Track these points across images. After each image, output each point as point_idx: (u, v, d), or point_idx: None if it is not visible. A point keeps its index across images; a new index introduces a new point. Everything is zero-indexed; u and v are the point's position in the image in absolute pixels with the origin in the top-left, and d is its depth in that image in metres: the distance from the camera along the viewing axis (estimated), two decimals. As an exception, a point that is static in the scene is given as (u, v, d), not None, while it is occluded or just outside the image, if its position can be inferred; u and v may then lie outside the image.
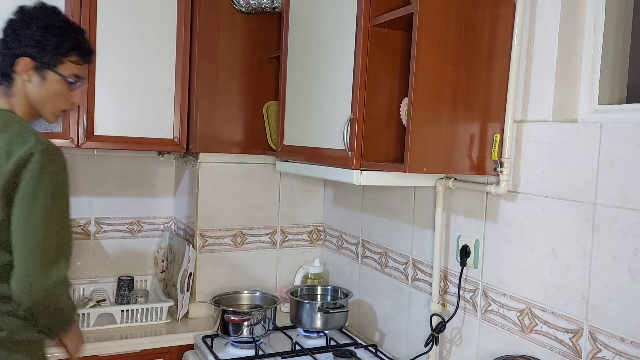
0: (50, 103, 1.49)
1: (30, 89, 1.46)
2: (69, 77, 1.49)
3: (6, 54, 1.45)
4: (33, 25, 1.44)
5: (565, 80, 1.33)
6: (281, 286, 2.35)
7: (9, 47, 1.45)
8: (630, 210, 1.13)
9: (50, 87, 1.47)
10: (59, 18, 1.50)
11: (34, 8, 1.48)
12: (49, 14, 1.48)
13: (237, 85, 2.15)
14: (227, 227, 2.24)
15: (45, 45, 1.44)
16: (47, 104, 1.49)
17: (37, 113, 1.51)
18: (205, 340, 1.92)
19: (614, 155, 1.16)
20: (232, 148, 2.18)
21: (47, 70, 1.46)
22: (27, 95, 1.47)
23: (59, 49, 1.46)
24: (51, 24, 1.46)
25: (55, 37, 1.45)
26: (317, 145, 1.65)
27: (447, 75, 1.34)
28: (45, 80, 1.46)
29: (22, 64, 1.44)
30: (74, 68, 1.50)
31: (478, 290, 1.52)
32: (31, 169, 1.33)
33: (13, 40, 1.44)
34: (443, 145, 1.35)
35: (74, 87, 1.52)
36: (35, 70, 1.45)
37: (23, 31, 1.44)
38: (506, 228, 1.43)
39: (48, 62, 1.45)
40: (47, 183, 1.35)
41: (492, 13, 1.38)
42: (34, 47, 1.44)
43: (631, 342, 1.12)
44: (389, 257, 1.93)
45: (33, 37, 1.43)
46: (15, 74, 1.45)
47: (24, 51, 1.44)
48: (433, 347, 1.63)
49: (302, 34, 1.78)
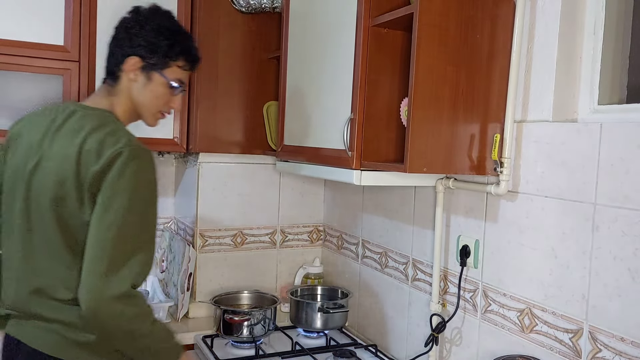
0: (151, 105, 1.48)
1: (134, 88, 1.45)
2: (173, 81, 1.47)
3: (116, 52, 1.45)
4: (147, 26, 1.43)
5: (565, 80, 1.33)
6: (281, 286, 2.35)
7: (120, 45, 1.45)
8: (630, 210, 1.13)
9: (153, 89, 1.47)
10: (172, 22, 1.50)
11: (149, 9, 1.48)
12: (163, 17, 1.48)
13: (237, 86, 2.15)
14: (227, 227, 2.24)
15: (157, 47, 1.44)
16: (148, 105, 1.48)
17: (137, 114, 1.50)
18: (205, 340, 1.92)
19: (614, 155, 1.16)
20: (232, 148, 2.17)
21: (153, 72, 1.45)
22: (130, 94, 1.46)
23: (169, 52, 1.45)
24: (164, 26, 1.46)
25: (166, 40, 1.45)
26: (317, 145, 1.65)
27: (447, 75, 1.34)
28: (150, 81, 1.46)
29: (131, 62, 1.43)
30: (179, 73, 1.49)
31: (478, 290, 1.52)
32: (114, 169, 1.27)
33: (125, 39, 1.44)
34: (443, 146, 1.35)
35: (176, 92, 1.51)
36: (142, 71, 1.44)
37: (136, 31, 1.43)
38: (506, 228, 1.43)
39: (156, 63, 1.45)
40: (126, 184, 1.27)
41: (492, 13, 1.38)
42: (145, 48, 1.43)
43: (631, 342, 1.12)
44: (389, 257, 1.93)
45: (145, 37, 1.43)
46: (122, 72, 1.44)
47: (135, 51, 1.43)
48: (433, 347, 1.63)
49: (302, 34, 1.78)
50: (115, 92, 1.47)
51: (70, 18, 1.93)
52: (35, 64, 1.90)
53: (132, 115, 1.50)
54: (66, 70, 1.95)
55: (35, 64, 1.90)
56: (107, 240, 1.25)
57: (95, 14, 1.97)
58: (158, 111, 1.51)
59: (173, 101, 1.52)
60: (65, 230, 1.32)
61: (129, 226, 1.27)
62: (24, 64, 1.89)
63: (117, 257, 1.25)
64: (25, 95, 1.93)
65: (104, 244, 1.25)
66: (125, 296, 1.24)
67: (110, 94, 1.47)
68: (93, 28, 1.97)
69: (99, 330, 1.29)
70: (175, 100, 1.52)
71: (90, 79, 1.98)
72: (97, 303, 1.23)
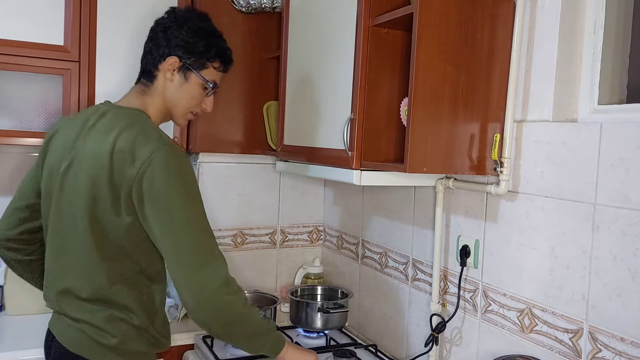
0: (186, 104, 1.51)
1: (170, 88, 1.48)
2: (209, 81, 1.50)
3: (153, 51, 1.47)
4: (185, 27, 1.46)
5: (565, 80, 1.33)
6: (281, 286, 2.35)
7: (158, 45, 1.47)
8: (630, 210, 1.13)
9: (189, 89, 1.49)
10: (208, 23, 1.52)
11: (186, 11, 1.51)
12: (199, 19, 1.50)
13: (237, 85, 2.15)
14: (227, 227, 2.24)
15: (194, 47, 1.46)
16: (182, 105, 1.50)
17: (169, 114, 1.52)
18: (205, 340, 1.92)
19: (614, 155, 1.16)
20: (232, 148, 2.17)
21: (190, 72, 1.47)
22: (164, 94, 1.48)
23: (206, 53, 1.48)
24: (201, 28, 1.48)
25: (204, 41, 1.47)
26: (317, 145, 1.65)
27: (447, 75, 1.34)
28: (187, 81, 1.48)
29: (170, 62, 1.45)
30: (214, 74, 1.52)
31: (478, 290, 1.52)
32: (156, 172, 1.28)
33: (163, 39, 1.46)
34: (443, 145, 1.35)
35: (209, 93, 1.54)
36: (179, 70, 1.47)
37: (174, 32, 1.46)
38: (506, 228, 1.43)
39: (193, 64, 1.47)
40: (175, 181, 1.30)
41: (492, 13, 1.38)
42: (182, 48, 1.45)
43: (631, 342, 1.12)
44: (389, 257, 1.93)
45: (183, 38, 1.45)
46: (159, 72, 1.47)
47: (173, 51, 1.45)
48: (433, 347, 1.63)
49: (302, 34, 1.78)
50: (149, 92, 1.49)
51: (70, 18, 1.93)
52: (35, 64, 1.90)
53: (164, 116, 1.52)
54: (66, 70, 1.95)
55: (35, 64, 1.90)
56: (186, 239, 1.29)
57: (95, 14, 1.97)
58: (190, 111, 1.53)
59: (206, 102, 1.55)
60: (96, 229, 1.34)
61: (197, 219, 1.31)
62: (24, 64, 1.89)
63: (204, 250, 1.31)
64: (25, 95, 1.93)
65: (185, 243, 1.29)
66: (225, 284, 1.31)
67: (144, 94, 1.49)
68: (93, 28, 1.97)
69: (213, 322, 1.35)
70: (208, 101, 1.55)
71: (90, 79, 1.98)
72: (204, 297, 1.29)
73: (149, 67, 1.48)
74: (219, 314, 1.33)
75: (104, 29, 1.99)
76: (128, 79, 2.04)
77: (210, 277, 1.30)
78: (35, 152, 2.25)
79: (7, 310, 2.03)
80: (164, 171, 1.28)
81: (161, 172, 1.28)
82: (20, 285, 2.02)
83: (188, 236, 1.30)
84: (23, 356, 1.73)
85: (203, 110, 1.56)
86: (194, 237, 1.30)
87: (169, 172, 1.29)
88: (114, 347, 1.38)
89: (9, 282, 2.01)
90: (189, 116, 1.55)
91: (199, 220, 1.32)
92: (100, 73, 2.00)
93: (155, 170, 1.28)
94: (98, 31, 1.98)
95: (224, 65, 1.54)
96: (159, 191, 1.28)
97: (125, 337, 1.39)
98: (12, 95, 1.91)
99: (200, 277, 1.29)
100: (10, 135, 1.91)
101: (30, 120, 1.94)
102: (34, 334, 1.86)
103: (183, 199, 1.30)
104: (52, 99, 1.96)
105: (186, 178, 1.32)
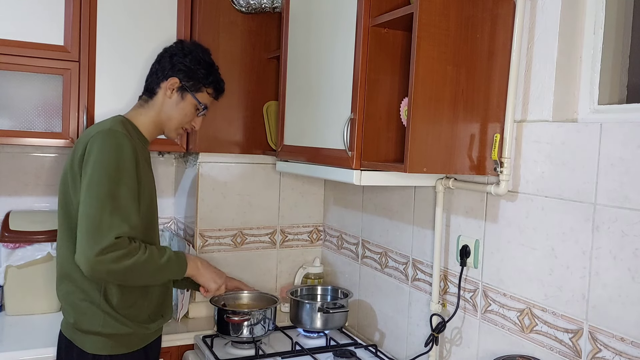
0: (179, 120, 1.72)
1: (167, 104, 1.70)
2: (202, 103, 1.73)
3: (159, 72, 1.70)
4: (189, 56, 1.70)
5: (565, 80, 1.33)
6: (281, 286, 2.35)
7: (163, 67, 1.69)
8: (630, 210, 1.13)
9: (184, 107, 1.71)
10: (209, 57, 1.77)
11: (192, 44, 1.77)
12: (202, 51, 1.75)
13: (237, 85, 2.15)
14: (227, 227, 2.24)
15: (195, 73, 1.70)
16: (176, 119, 1.71)
17: (160, 128, 1.73)
18: (205, 340, 1.92)
19: (614, 155, 1.16)
20: (232, 148, 2.17)
21: (187, 93, 1.70)
22: (161, 109, 1.70)
23: (204, 80, 1.72)
24: (203, 59, 1.73)
25: (204, 70, 1.71)
26: (317, 145, 1.65)
27: (447, 75, 1.34)
28: (183, 100, 1.71)
29: (172, 81, 1.68)
30: (207, 98, 1.76)
31: (478, 290, 1.52)
32: (92, 149, 1.49)
33: (168, 63, 1.69)
34: (443, 145, 1.35)
35: (200, 114, 1.76)
36: (178, 90, 1.69)
37: (179, 58, 1.69)
38: (506, 228, 1.43)
39: (191, 87, 1.70)
40: (92, 160, 1.47)
41: (492, 13, 1.38)
42: (184, 72, 1.69)
43: (631, 342, 1.12)
44: (389, 257, 1.93)
45: (187, 64, 1.69)
46: (160, 89, 1.69)
47: (175, 74, 1.68)
48: (433, 347, 1.63)
49: (302, 34, 1.78)
50: (147, 106, 1.71)
51: (70, 18, 1.93)
52: (35, 64, 1.90)
53: (156, 126, 1.72)
54: (66, 70, 1.95)
55: (35, 64, 1.90)
56: (84, 209, 1.44)
57: (95, 14, 1.97)
58: (181, 127, 1.75)
59: (195, 121, 1.78)
60: (64, 209, 1.57)
61: (99, 190, 1.44)
62: (24, 64, 1.89)
63: (94, 220, 1.42)
64: (25, 95, 1.93)
65: (82, 213, 1.44)
66: (107, 250, 1.40)
67: (142, 107, 1.72)
68: (93, 28, 1.97)
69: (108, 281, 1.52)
70: (198, 120, 1.78)
71: (90, 79, 1.98)
72: (90, 264, 1.40)
73: (153, 85, 1.70)
74: (109, 276, 1.45)
75: (104, 29, 1.99)
76: (128, 79, 2.05)
77: (93, 246, 1.40)
78: (35, 152, 2.25)
79: (7, 310, 2.03)
80: (97, 147, 1.48)
81: (95, 148, 1.48)
82: (20, 286, 2.03)
83: (87, 205, 1.44)
84: (23, 356, 1.73)
85: (192, 127, 1.78)
86: (91, 207, 1.43)
87: (100, 149, 1.48)
88: (74, 325, 1.56)
89: (9, 282, 2.01)
90: (179, 131, 1.76)
91: (102, 192, 1.44)
92: (100, 73, 2.00)
93: (92, 148, 1.49)
94: (98, 31, 1.98)
95: (216, 93, 1.78)
96: (88, 164, 1.48)
97: (78, 314, 1.55)
98: (12, 95, 1.91)
99: (84, 244, 1.41)
100: (10, 135, 1.91)
101: (30, 120, 1.94)
102: (34, 334, 1.86)
103: (100, 172, 1.45)
104: (52, 99, 1.96)
105: (100, 157, 1.47)
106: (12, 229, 2.03)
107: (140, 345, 1.63)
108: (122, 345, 1.58)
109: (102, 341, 1.55)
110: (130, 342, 1.59)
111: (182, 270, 1.63)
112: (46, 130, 1.95)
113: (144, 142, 1.68)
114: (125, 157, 1.49)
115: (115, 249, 1.41)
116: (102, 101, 2.01)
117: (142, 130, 1.69)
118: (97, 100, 2.01)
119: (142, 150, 1.63)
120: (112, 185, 1.45)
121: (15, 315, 2.02)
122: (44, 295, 2.04)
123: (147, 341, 1.66)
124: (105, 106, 2.02)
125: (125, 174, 1.48)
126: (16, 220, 2.07)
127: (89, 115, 1.99)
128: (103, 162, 1.46)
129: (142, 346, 1.64)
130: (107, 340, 1.55)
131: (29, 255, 2.05)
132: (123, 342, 1.58)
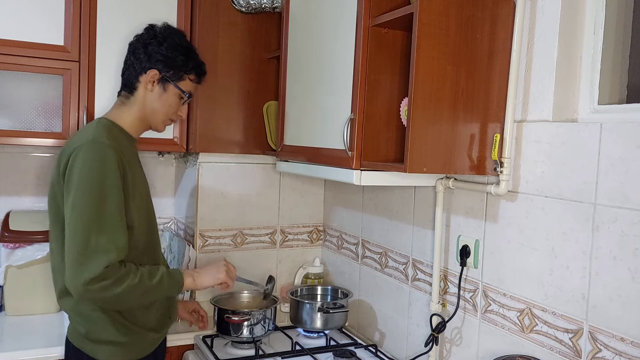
0: (164, 113, 1.65)
1: (149, 98, 1.62)
2: (185, 91, 1.65)
3: (135, 66, 1.60)
4: (165, 43, 1.60)
5: (565, 80, 1.33)
6: (281, 286, 2.35)
7: (140, 59, 1.60)
8: (630, 210, 1.13)
9: (168, 99, 1.63)
10: (185, 40, 1.68)
11: (164, 28, 1.65)
12: (177, 35, 1.65)
13: (237, 85, 2.15)
14: (227, 227, 2.24)
15: (173, 61, 1.61)
16: (161, 113, 1.64)
17: (147, 123, 1.66)
18: (205, 340, 1.92)
19: (614, 155, 1.16)
20: (232, 148, 2.17)
21: (169, 84, 1.62)
22: (144, 104, 1.62)
23: (183, 66, 1.63)
24: (180, 44, 1.63)
25: (182, 56, 1.62)
26: (317, 145, 1.65)
27: (447, 75, 1.34)
28: (165, 92, 1.62)
29: (151, 74, 1.59)
30: (190, 85, 1.68)
31: (478, 290, 1.52)
32: (75, 163, 1.41)
33: (144, 54, 1.60)
34: (443, 145, 1.35)
35: (185, 102, 1.69)
36: (159, 82, 1.61)
37: (154, 47, 1.59)
38: (506, 228, 1.43)
39: (171, 76, 1.62)
40: (74, 176, 1.41)
41: (492, 13, 1.38)
42: (162, 62, 1.60)
43: (631, 342, 1.12)
44: (389, 257, 1.93)
45: (163, 53, 1.60)
46: (140, 83, 1.61)
47: (153, 65, 1.59)
48: (433, 347, 1.63)
49: (302, 34, 1.78)
50: (128, 103, 1.62)
51: (70, 18, 1.93)
52: (35, 64, 1.90)
53: (142, 122, 1.65)
54: (66, 70, 1.95)
55: (35, 64, 1.90)
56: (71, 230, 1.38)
57: (95, 14, 1.97)
58: (168, 118, 1.68)
59: (181, 110, 1.70)
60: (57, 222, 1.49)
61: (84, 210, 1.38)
62: (24, 64, 1.89)
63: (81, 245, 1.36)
64: (25, 95, 1.93)
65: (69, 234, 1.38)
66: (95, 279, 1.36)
67: (123, 104, 1.63)
68: (93, 28, 1.97)
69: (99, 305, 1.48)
70: (183, 109, 1.71)
71: (90, 79, 1.98)
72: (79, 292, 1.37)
73: (131, 79, 1.61)
74: (100, 303, 1.44)
75: (104, 29, 1.99)
76: (128, 79, 2.05)
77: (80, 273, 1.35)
78: (35, 152, 2.25)
79: (7, 310, 2.03)
80: (79, 163, 1.41)
81: (71, 165, 1.42)
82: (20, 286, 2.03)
83: (73, 228, 1.38)
84: (23, 356, 1.72)
85: (178, 117, 1.71)
86: (76, 229, 1.37)
87: (82, 164, 1.40)
88: (85, 335, 1.52)
89: (9, 282, 2.01)
90: (167, 122, 1.69)
91: (87, 212, 1.38)
92: (100, 73, 2.00)
93: (74, 162, 1.42)
94: (98, 31, 1.98)
95: (198, 77, 1.71)
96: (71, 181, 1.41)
97: (90, 324, 1.51)
98: (12, 95, 1.91)
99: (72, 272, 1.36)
100: (10, 135, 1.91)
101: (30, 120, 1.94)
102: (33, 334, 1.86)
103: (84, 190, 1.39)
104: (52, 99, 1.96)
105: (85, 171, 1.40)
106: (12, 229, 2.04)
107: (150, 349, 1.63)
108: (134, 351, 1.57)
109: (114, 350, 1.53)
110: (142, 348, 1.59)
111: (177, 287, 1.58)
112: (46, 130, 1.95)
113: (131, 142, 1.62)
114: (109, 170, 1.41)
115: (104, 277, 1.36)
116: (102, 101, 2.01)
117: (128, 129, 1.61)
118: (97, 100, 2.00)
119: (130, 152, 1.56)
120: (97, 202, 1.39)
121: (15, 315, 2.02)
122: (44, 295, 2.04)
123: (156, 344, 1.66)
124: (105, 106, 2.02)
125: (109, 188, 1.41)
126: (16, 220, 2.07)
127: (89, 115, 1.99)
128: (86, 178, 1.40)
129: (152, 350, 1.64)
130: (119, 348, 1.54)
131: (29, 255, 2.05)
132: (135, 349, 1.57)
